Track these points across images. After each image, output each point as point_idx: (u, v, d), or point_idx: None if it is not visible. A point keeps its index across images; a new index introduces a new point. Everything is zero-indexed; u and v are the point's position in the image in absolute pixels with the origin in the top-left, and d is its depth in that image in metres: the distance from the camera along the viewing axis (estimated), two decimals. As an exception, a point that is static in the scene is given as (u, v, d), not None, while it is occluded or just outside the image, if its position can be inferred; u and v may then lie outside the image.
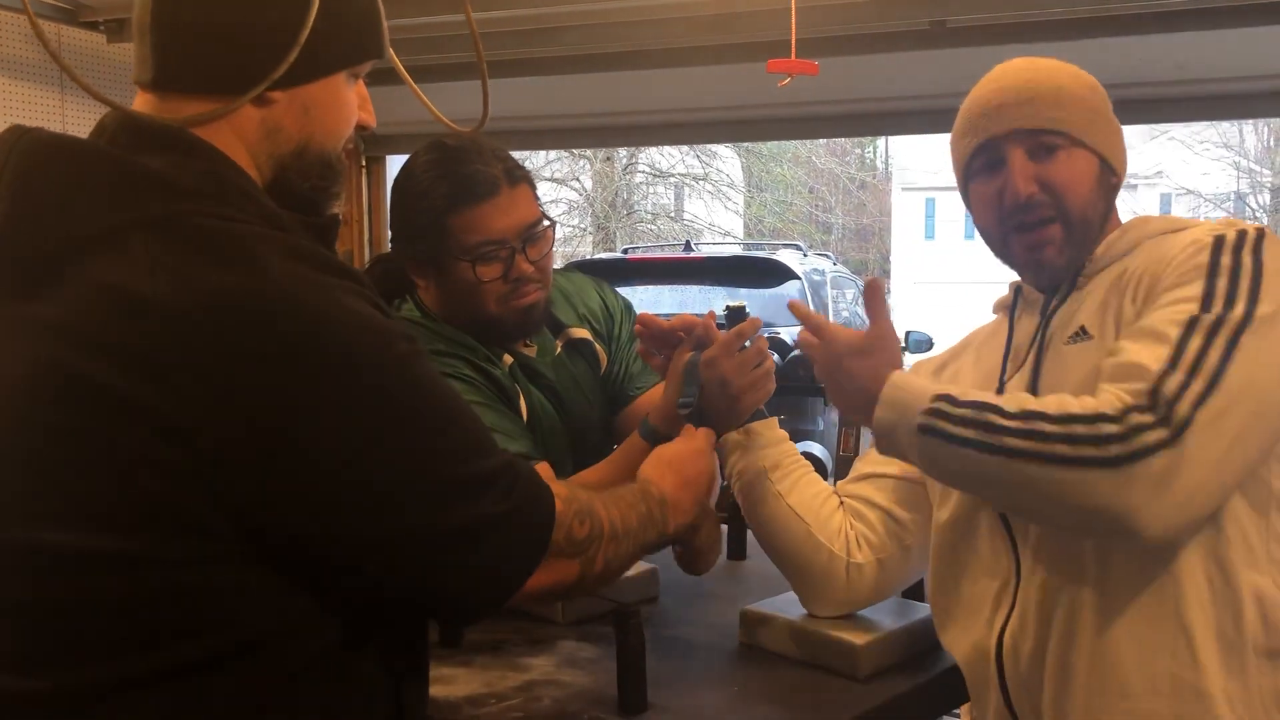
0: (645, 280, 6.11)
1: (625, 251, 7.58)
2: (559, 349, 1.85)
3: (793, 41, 2.02)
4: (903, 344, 5.45)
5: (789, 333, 5.15)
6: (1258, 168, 25.26)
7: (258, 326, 0.87)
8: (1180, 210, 27.39)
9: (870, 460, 1.55)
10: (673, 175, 18.00)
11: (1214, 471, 1.11)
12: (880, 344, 1.28)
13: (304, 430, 0.87)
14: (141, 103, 1.01)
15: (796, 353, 4.43)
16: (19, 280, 0.91)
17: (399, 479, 0.91)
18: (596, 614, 1.59)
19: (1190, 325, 1.15)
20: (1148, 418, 1.10)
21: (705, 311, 1.63)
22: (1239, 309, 1.15)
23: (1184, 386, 1.11)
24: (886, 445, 1.25)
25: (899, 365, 1.28)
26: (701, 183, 17.92)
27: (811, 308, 6.29)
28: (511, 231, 1.67)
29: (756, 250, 7.72)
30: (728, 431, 1.56)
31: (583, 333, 1.89)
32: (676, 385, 1.58)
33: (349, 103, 1.05)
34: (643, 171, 17.72)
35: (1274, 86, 3.65)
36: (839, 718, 1.31)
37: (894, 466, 1.51)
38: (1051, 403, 1.15)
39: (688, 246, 6.81)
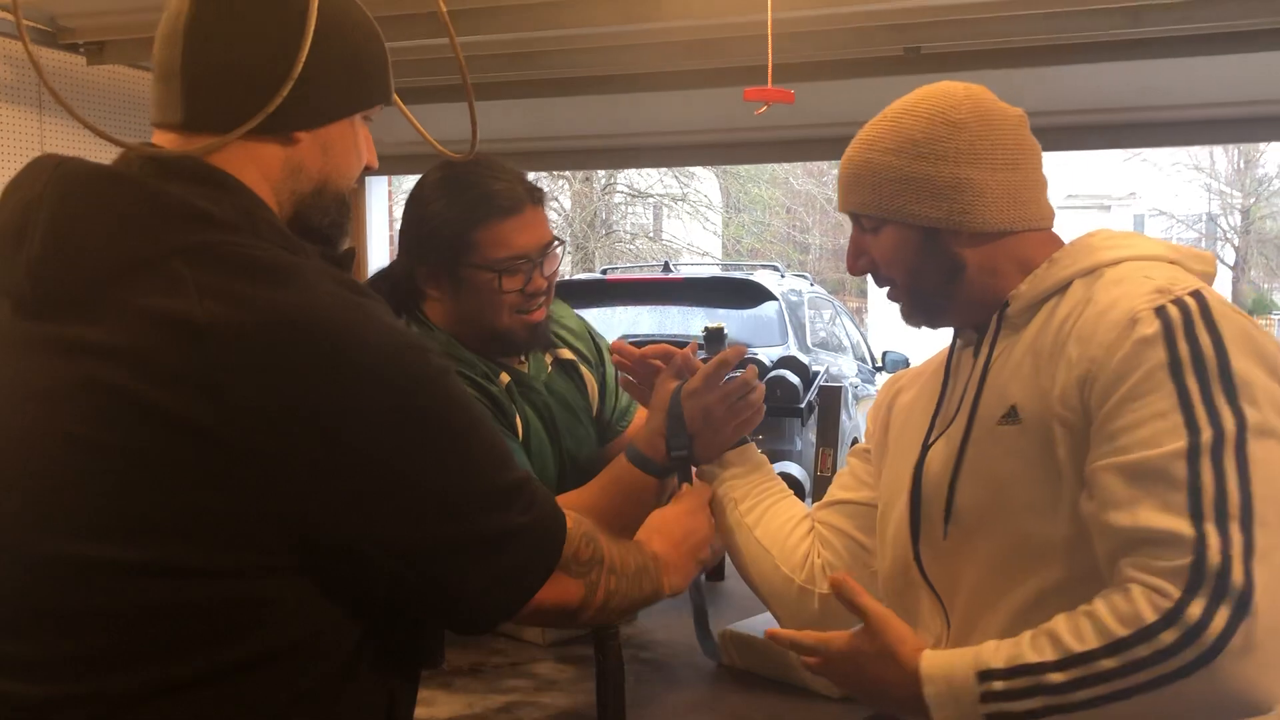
0: (624, 301, 6.14)
1: (604, 272, 7.62)
2: (549, 368, 1.88)
3: (769, 69, 2.05)
4: (879, 364, 5.55)
5: (767, 354, 5.19)
6: (1228, 189, 25.58)
7: (310, 344, 0.92)
8: (1154, 231, 27.66)
9: (839, 484, 1.54)
10: (651, 195, 18.07)
11: None
12: (884, 634, 1.16)
13: (355, 443, 0.92)
14: (163, 142, 1.04)
15: (774, 373, 4.46)
16: (59, 305, 0.94)
17: (441, 488, 0.97)
18: (576, 636, 1.61)
19: (1192, 458, 1.03)
20: (1202, 602, 0.98)
21: (682, 330, 1.66)
22: (1228, 418, 1.04)
23: (1225, 547, 0.99)
24: None
25: (915, 643, 1.16)
26: (680, 203, 17.99)
27: (789, 328, 6.28)
28: (533, 247, 1.74)
29: (734, 271, 7.77)
30: (710, 459, 1.56)
31: (570, 354, 1.92)
32: (661, 414, 1.57)
33: (360, 143, 1.11)
34: (621, 192, 17.78)
35: (1240, 113, 3.73)
36: (815, 736, 1.33)
37: (860, 493, 1.49)
38: (1089, 630, 1.03)
39: (666, 267, 6.85)
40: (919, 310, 1.32)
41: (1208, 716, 1.03)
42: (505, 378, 1.78)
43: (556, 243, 1.79)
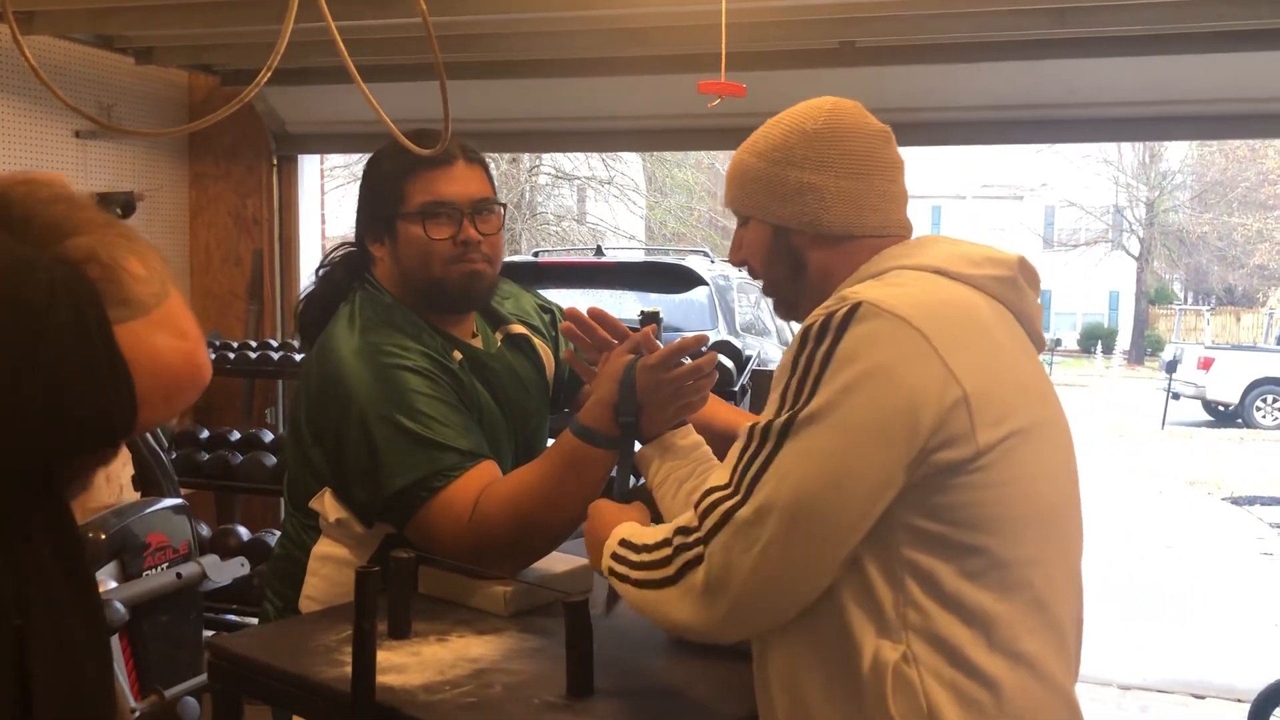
0: (557, 284, 6.17)
1: (536, 254, 7.63)
2: (499, 342, 1.93)
3: (723, 62, 2.12)
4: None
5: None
6: (1134, 183, 26.39)
7: None
8: (1063, 221, 28.41)
9: None
10: (577, 178, 18.05)
11: (752, 579, 1.17)
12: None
13: None
14: None
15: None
16: None
17: None
18: (538, 606, 1.67)
19: (749, 435, 1.21)
20: (690, 537, 1.22)
21: (614, 314, 1.71)
22: (788, 412, 1.19)
23: (720, 501, 1.20)
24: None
25: (630, 516, 1.44)
26: (607, 186, 18.00)
27: (719, 313, 6.37)
28: (462, 198, 1.80)
29: (666, 256, 7.85)
30: (653, 433, 1.62)
31: (521, 329, 1.97)
32: (610, 386, 1.63)
33: None
34: (546, 173, 17.74)
35: (1156, 112, 3.90)
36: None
37: None
38: (654, 533, 1.30)
39: (599, 251, 6.90)
40: (778, 304, 1.46)
41: (674, 632, 1.34)
42: (458, 355, 1.83)
43: (494, 201, 1.85)
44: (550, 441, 2.16)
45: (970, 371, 1.19)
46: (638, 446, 1.64)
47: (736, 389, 3.88)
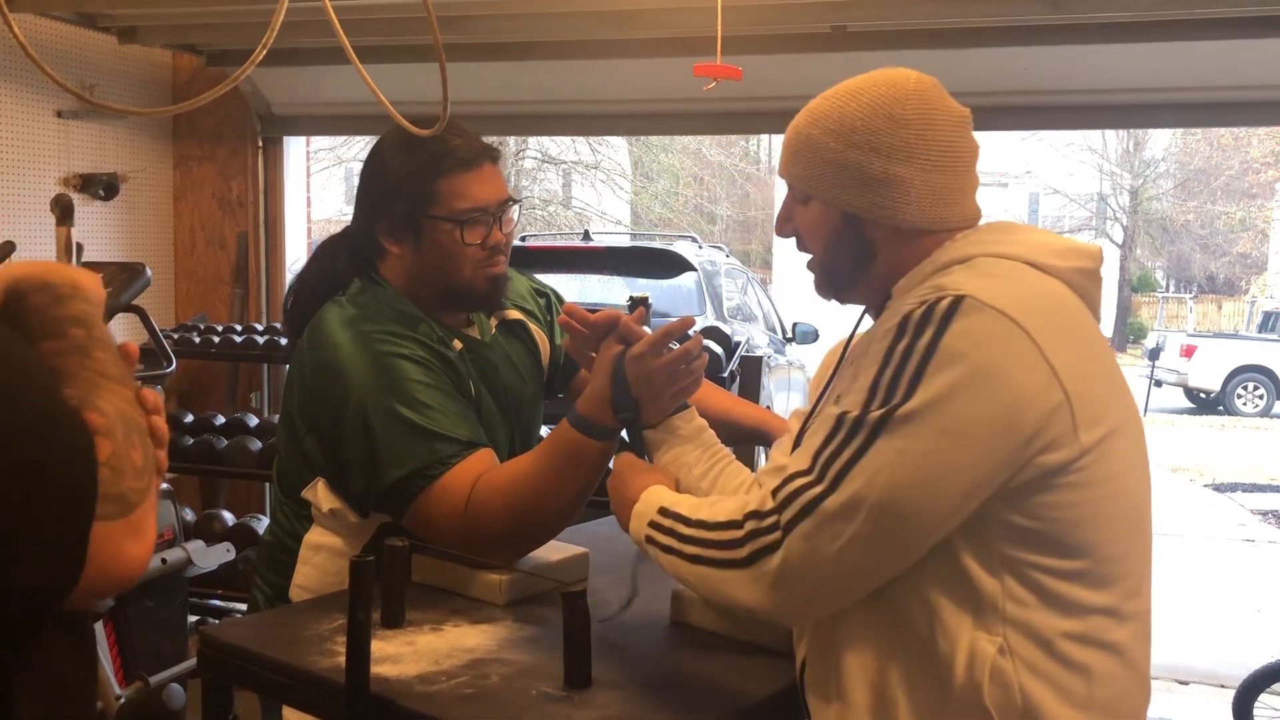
0: (544, 268, 6.14)
1: (524, 239, 7.59)
2: (493, 328, 1.91)
3: (718, 45, 2.09)
4: (789, 335, 5.68)
5: (687, 322, 5.27)
6: (1119, 171, 26.45)
7: None
8: (1047, 209, 28.48)
9: (778, 448, 1.58)
10: (563, 162, 17.98)
11: (832, 572, 1.16)
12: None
13: None
14: None
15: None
16: None
17: None
18: (532, 595, 1.65)
19: (838, 424, 1.17)
20: (765, 522, 1.18)
21: (603, 299, 1.70)
22: (884, 408, 1.14)
23: (804, 488, 1.16)
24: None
25: (661, 477, 1.46)
26: (594, 171, 17.93)
27: (707, 298, 6.36)
28: (492, 201, 1.78)
29: (653, 241, 7.83)
30: (654, 420, 1.60)
31: (517, 314, 1.95)
32: (604, 379, 1.61)
33: None
34: (532, 157, 17.66)
35: (1146, 99, 3.90)
36: (770, 685, 1.39)
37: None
38: (711, 509, 1.27)
39: (587, 235, 6.87)
40: (828, 285, 1.39)
41: (739, 613, 1.27)
42: (458, 344, 1.81)
43: (512, 201, 1.84)
44: (545, 429, 2.15)
45: (1071, 371, 1.16)
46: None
47: (725, 375, 3.87)
